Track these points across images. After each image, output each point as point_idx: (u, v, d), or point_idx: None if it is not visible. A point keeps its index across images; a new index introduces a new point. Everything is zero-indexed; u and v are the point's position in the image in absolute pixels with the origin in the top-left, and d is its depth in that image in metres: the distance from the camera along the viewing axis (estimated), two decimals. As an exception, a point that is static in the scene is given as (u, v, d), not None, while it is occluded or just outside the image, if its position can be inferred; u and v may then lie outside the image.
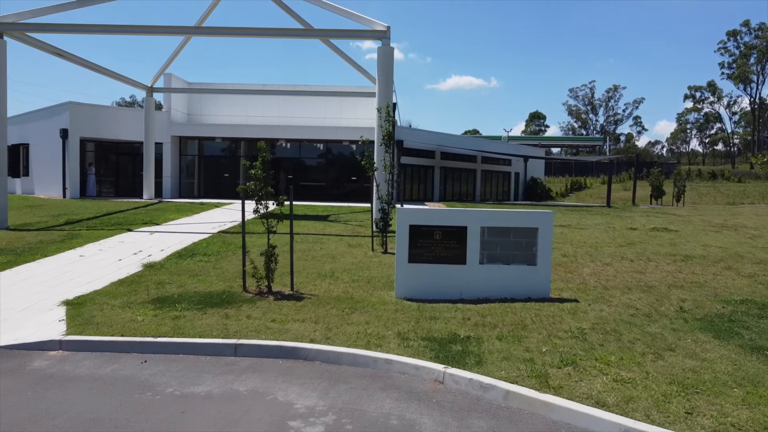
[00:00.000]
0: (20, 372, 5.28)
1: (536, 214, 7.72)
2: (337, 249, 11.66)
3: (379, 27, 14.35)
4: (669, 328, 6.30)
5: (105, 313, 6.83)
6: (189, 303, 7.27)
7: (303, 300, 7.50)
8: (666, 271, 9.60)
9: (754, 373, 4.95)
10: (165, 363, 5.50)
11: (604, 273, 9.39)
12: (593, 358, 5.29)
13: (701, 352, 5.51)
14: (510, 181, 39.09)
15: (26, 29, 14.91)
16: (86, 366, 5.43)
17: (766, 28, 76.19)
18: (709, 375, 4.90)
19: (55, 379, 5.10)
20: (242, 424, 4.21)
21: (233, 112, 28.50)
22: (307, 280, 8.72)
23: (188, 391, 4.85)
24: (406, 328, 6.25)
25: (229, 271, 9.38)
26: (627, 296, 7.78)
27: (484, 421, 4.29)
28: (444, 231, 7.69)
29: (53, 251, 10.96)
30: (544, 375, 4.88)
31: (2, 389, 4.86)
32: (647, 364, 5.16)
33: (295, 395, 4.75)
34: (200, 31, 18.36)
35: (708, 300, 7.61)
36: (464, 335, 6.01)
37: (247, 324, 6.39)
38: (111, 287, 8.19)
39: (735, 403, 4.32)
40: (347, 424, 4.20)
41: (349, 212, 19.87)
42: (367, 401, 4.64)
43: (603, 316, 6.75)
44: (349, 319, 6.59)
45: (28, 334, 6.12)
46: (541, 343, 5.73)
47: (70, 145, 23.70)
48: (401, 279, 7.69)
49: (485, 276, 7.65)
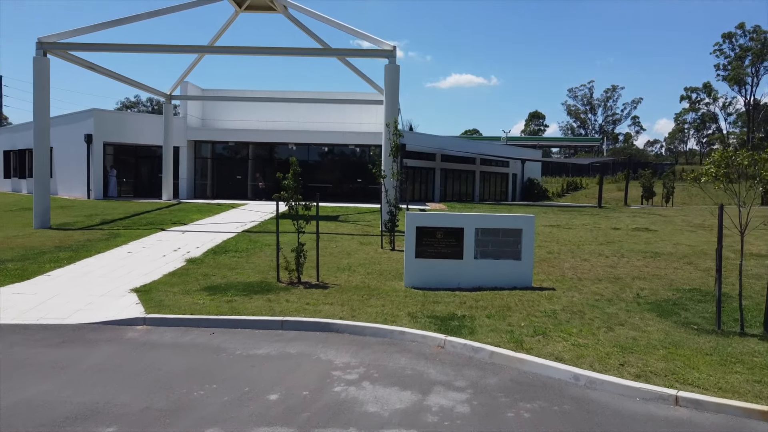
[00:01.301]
0: (119, 340, 6.88)
1: (520, 218, 9.31)
2: (351, 246, 13.25)
3: (387, 47, 15.92)
4: (624, 309, 7.90)
5: (170, 298, 8.42)
6: (236, 290, 8.86)
7: (328, 288, 9.10)
8: (635, 265, 11.20)
9: (678, 340, 6.55)
10: (229, 334, 7.09)
11: (581, 267, 10.99)
12: (559, 331, 6.88)
13: (643, 326, 7.11)
14: (508, 181, 40.66)
15: (68, 48, 16.49)
16: (169, 336, 7.03)
17: (760, 30, 77.73)
18: (644, 341, 6.49)
19: (149, 345, 6.70)
20: (299, 373, 5.80)
21: (245, 117, 30.08)
22: (329, 272, 10.31)
23: (252, 353, 6.44)
24: (415, 309, 7.84)
25: (260, 266, 10.96)
26: (596, 286, 9.38)
27: (474, 372, 5.88)
28: (445, 231, 9.28)
29: (103, 248, 12.56)
30: (520, 341, 6.48)
31: (111, 351, 6.45)
32: (600, 334, 6.76)
33: (333, 355, 6.34)
34: (226, 50, 19.88)
35: (662, 289, 9.21)
36: (461, 314, 7.60)
37: (287, 306, 7.98)
38: (165, 278, 9.79)
39: (657, 359, 5.92)
40: (374, 373, 5.80)
41: (356, 212, 21.46)
42: (387, 359, 6.23)
43: (573, 301, 8.34)
44: (368, 303, 8.19)
45: (114, 313, 7.71)
46: (520, 320, 7.33)
47: (94, 149, 25.30)
48: (409, 271, 9.29)
49: (479, 269, 9.24)
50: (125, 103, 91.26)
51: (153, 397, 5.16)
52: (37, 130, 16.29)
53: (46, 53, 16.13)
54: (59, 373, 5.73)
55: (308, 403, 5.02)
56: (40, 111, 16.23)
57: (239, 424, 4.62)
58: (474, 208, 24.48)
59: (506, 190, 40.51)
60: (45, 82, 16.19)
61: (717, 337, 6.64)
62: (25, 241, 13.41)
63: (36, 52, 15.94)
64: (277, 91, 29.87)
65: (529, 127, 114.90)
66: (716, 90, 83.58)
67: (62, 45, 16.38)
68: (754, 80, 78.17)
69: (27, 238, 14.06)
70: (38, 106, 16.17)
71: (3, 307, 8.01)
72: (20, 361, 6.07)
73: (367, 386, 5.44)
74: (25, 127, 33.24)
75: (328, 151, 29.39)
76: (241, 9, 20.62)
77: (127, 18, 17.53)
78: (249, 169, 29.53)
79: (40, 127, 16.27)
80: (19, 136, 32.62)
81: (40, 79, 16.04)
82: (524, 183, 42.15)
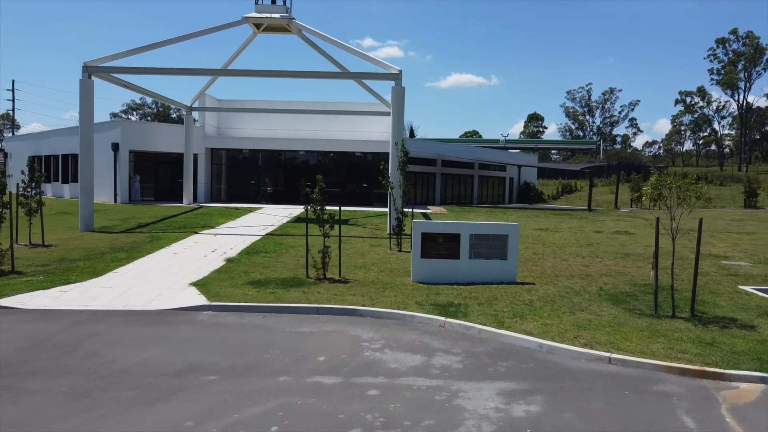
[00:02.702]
0: (193, 322, 8.90)
1: (506, 225, 11.35)
2: (363, 248, 15.28)
3: (393, 70, 17.94)
4: (587, 299, 9.94)
5: (223, 290, 10.45)
6: (275, 284, 10.89)
7: (349, 283, 11.13)
8: (605, 265, 13.24)
9: (623, 321, 8.58)
10: (276, 318, 9.12)
11: (560, 266, 13.03)
12: (533, 314, 8.91)
13: (599, 311, 9.14)
14: (505, 185, 42.68)
15: (110, 71, 18.53)
16: (230, 319, 9.06)
17: (753, 36, 79.74)
18: (596, 322, 8.52)
19: (217, 325, 8.73)
20: (336, 343, 7.82)
21: (257, 125, 32.12)
22: (348, 270, 12.33)
23: (298, 330, 8.47)
24: (421, 299, 9.87)
25: (289, 264, 12.99)
26: (569, 281, 11.41)
27: (466, 343, 7.90)
28: (445, 236, 11.30)
29: (151, 249, 14.59)
30: (501, 321, 8.51)
31: (191, 329, 8.48)
32: (563, 317, 8.79)
33: (360, 332, 8.37)
34: (247, 73, 21.80)
35: (623, 283, 11.25)
36: (457, 303, 9.63)
37: (319, 296, 10.01)
38: (213, 275, 11.81)
39: (602, 334, 7.94)
40: (393, 344, 7.82)
41: (364, 216, 23.49)
42: (401, 335, 8.26)
43: (548, 293, 10.38)
44: (383, 294, 10.22)
45: (183, 301, 9.74)
46: (503, 307, 9.36)
47: (120, 157, 27.34)
48: (416, 269, 11.32)
49: (472, 267, 11.26)
50: (131, 105, 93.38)
51: (234, 358, 7.20)
52: (82, 143, 18.29)
53: (90, 75, 18.15)
54: (158, 344, 7.76)
55: (347, 362, 7.06)
56: (86, 126, 18.25)
57: (302, 374, 6.65)
58: (472, 212, 26.50)
59: (503, 193, 42.52)
60: (90, 101, 18.22)
61: (652, 319, 8.67)
62: (81, 243, 15.44)
63: (82, 75, 17.96)
64: (290, 101, 31.91)
65: (528, 129, 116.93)
66: (710, 94, 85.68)
67: (105, 68, 18.41)
68: (747, 84, 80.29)
69: (80, 240, 16.08)
70: (84, 122, 18.20)
71: (92, 297, 10.04)
72: (125, 336, 8.10)
73: (387, 352, 7.47)
74: (49, 135, 35.30)
75: (336, 157, 31.43)
76: (259, 30, 22.63)
77: (160, 42, 19.55)
78: (260, 175, 31.61)
79: (86, 141, 18.28)
80: (44, 143, 34.65)
81: (85, 98, 18.06)
82: (521, 186, 44.18)
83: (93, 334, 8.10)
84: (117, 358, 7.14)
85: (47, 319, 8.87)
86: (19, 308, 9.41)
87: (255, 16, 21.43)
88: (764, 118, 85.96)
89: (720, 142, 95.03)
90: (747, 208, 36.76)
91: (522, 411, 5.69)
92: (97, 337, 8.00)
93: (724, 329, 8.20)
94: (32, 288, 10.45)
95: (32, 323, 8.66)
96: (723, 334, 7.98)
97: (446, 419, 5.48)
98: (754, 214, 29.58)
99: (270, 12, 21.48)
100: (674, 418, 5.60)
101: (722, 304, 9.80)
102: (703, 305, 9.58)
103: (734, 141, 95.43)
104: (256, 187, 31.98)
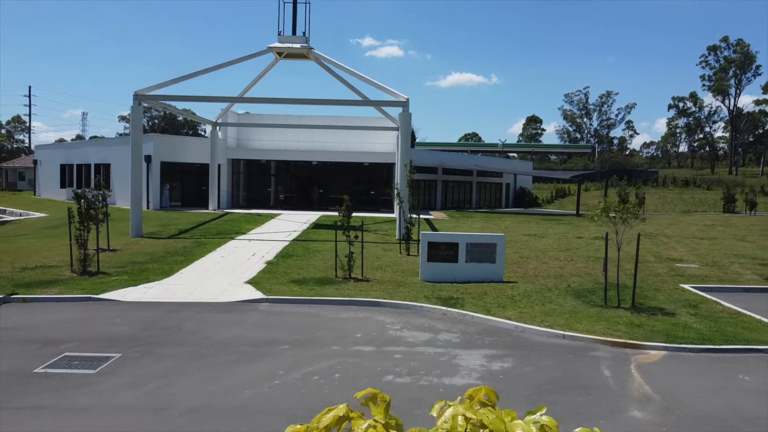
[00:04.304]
0: (257, 311, 11.77)
1: (495, 236, 14.26)
2: (377, 252, 18.16)
3: (402, 98, 20.83)
4: (556, 294, 12.83)
5: (273, 287, 13.34)
6: (312, 283, 13.79)
7: (370, 282, 14.02)
8: (577, 267, 16.14)
9: (579, 310, 11.47)
10: (319, 308, 12.00)
11: (540, 268, 15.92)
12: (513, 305, 11.80)
13: (563, 303, 12.04)
14: (502, 190, 45.57)
15: (157, 99, 21.41)
16: (285, 309, 11.94)
17: (743, 44, 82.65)
18: (559, 311, 11.42)
19: (275, 313, 11.62)
20: (367, 326, 10.71)
21: (273, 137, 35.03)
22: (368, 271, 15.21)
23: (336, 316, 11.35)
24: (428, 294, 12.76)
25: (319, 266, 15.88)
26: (545, 280, 14.30)
27: (462, 326, 10.79)
28: (446, 244, 14.18)
29: (202, 253, 17.47)
30: (489, 310, 11.41)
31: (257, 316, 11.36)
32: (535, 307, 11.69)
33: (384, 318, 11.26)
34: (275, 101, 24.59)
35: (588, 282, 14.14)
36: (456, 297, 12.52)
37: (348, 292, 12.90)
38: (260, 275, 14.70)
39: (562, 319, 10.83)
40: (408, 326, 10.71)
41: (374, 222, 26.37)
42: (414, 319, 11.15)
43: (527, 289, 13.27)
44: (398, 290, 13.11)
45: (245, 296, 12.62)
46: (491, 300, 12.25)
47: (152, 168, 30.23)
48: (423, 270, 14.21)
49: (468, 269, 14.14)
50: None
51: (296, 335, 10.09)
52: (133, 160, 21.17)
53: (140, 103, 21.05)
54: (238, 325, 10.66)
55: (377, 338, 9.96)
56: (136, 146, 21.14)
57: (347, 345, 9.54)
58: (470, 218, 29.41)
59: (500, 198, 45.41)
60: (139, 124, 21.13)
61: (601, 309, 11.57)
62: (140, 248, 18.32)
63: (133, 102, 20.85)
64: (303, 116, 34.77)
65: (527, 131, 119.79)
66: (702, 99, 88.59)
67: (153, 97, 21.30)
68: (737, 90, 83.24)
69: (138, 245, 18.96)
70: (134, 142, 21.10)
71: (172, 292, 12.94)
72: (210, 320, 10.99)
73: (405, 331, 10.37)
74: (80, 145, 38.20)
75: (345, 166, 34.33)
76: (280, 57, 25.49)
77: (198, 72, 22.45)
78: (275, 182, 34.59)
79: (136, 159, 21.17)
80: (75, 152, 37.55)
81: (135, 122, 20.97)
82: (517, 191, 47.07)
83: (187, 319, 11.00)
84: (213, 335, 10.04)
85: (146, 308, 11.76)
86: (120, 300, 12.31)
87: (278, 46, 24.28)
88: (757, 122, 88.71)
89: (713, 144, 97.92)
90: (726, 212, 39.57)
91: (498, 366, 8.60)
92: (190, 321, 10.91)
93: (652, 316, 11.11)
94: (123, 285, 13.35)
95: (136, 312, 11.55)
96: (650, 319, 10.89)
97: (448, 370, 8.39)
98: (727, 220, 32.35)
99: (291, 42, 24.33)
100: (597, 370, 8.50)
101: (660, 298, 12.71)
102: (644, 299, 12.49)
103: (728, 143, 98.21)
104: (271, 194, 34.98)
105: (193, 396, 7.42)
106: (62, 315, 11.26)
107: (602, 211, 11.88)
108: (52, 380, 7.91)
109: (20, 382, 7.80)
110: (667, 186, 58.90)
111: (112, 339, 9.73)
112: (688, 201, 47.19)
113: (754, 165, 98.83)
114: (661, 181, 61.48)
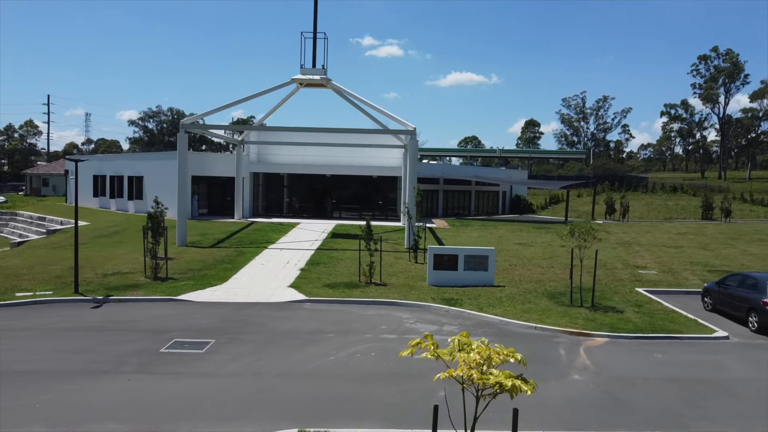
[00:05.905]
0: (303, 308, 15.26)
1: (487, 249, 17.79)
2: (389, 260, 21.65)
3: (409, 127, 24.32)
4: (534, 296, 16.33)
5: (311, 290, 16.83)
6: (341, 287, 17.27)
7: (387, 286, 17.52)
8: (555, 272, 19.64)
9: (550, 308, 14.98)
10: (350, 306, 15.49)
11: (525, 274, 19.43)
12: (500, 305, 15.31)
13: (539, 303, 15.54)
14: (498, 198, 49.08)
15: (198, 128, 24.91)
16: (324, 307, 15.43)
17: (732, 54, 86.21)
18: (535, 309, 14.92)
19: (317, 311, 15.11)
20: (390, 320, 14.21)
21: (290, 152, 38.52)
22: (384, 277, 18.70)
23: (364, 313, 14.86)
24: (434, 296, 16.26)
25: (343, 273, 19.38)
26: (528, 284, 17.80)
27: (461, 320, 14.30)
28: (448, 255, 17.69)
29: (243, 262, 20.95)
30: (481, 308, 14.92)
31: (304, 312, 14.87)
32: (517, 306, 15.20)
33: (401, 314, 14.76)
34: (298, 129, 28.20)
35: (561, 286, 17.64)
36: (456, 298, 16.02)
37: (371, 294, 16.40)
38: (298, 280, 18.19)
39: (536, 315, 14.34)
40: (420, 320, 14.22)
41: (383, 231, 29.84)
42: (424, 315, 14.65)
43: (512, 292, 16.77)
44: (410, 293, 16.61)
45: (290, 297, 16.10)
46: (483, 300, 15.76)
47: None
48: (429, 276, 17.72)
49: (466, 276, 17.64)
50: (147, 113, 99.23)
51: (337, 326, 13.59)
52: (180, 180, 24.65)
53: (186, 131, 24.54)
54: (291, 320, 14.16)
55: (397, 328, 13.46)
56: (182, 169, 24.63)
57: (376, 333, 13.05)
58: (468, 226, 32.91)
59: (497, 205, 48.90)
60: (185, 149, 24.61)
61: (567, 308, 15.06)
62: (192, 257, 21.80)
63: (179, 131, 24.35)
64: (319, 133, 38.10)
65: (525, 135, 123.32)
66: (692, 106, 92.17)
67: (195, 125, 24.79)
68: (726, 98, 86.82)
69: (188, 253, 22.43)
70: (181, 165, 24.59)
71: (232, 294, 16.44)
72: (271, 316, 14.49)
73: (418, 324, 13.87)
74: (113, 158, 41.76)
75: (356, 179, 37.86)
76: (302, 86, 29.01)
77: (233, 102, 26.00)
78: (289, 193, 38.22)
79: (183, 179, 24.66)
80: (107, 164, 41.03)
81: (182, 147, 24.47)
82: (512, 199, 50.57)
83: (252, 315, 14.51)
84: (276, 327, 13.55)
85: (217, 307, 15.26)
86: (193, 301, 15.80)
87: (300, 77, 27.76)
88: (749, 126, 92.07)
89: (706, 148, 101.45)
90: (704, 219, 42.95)
91: (486, 348, 12.11)
92: (255, 316, 14.41)
93: (605, 313, 14.62)
94: (192, 289, 16.85)
95: (210, 309, 15.05)
96: (602, 315, 14.40)
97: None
98: (701, 228, 35.69)
99: (312, 74, 27.81)
100: (556, 351, 12.00)
101: (615, 299, 16.22)
102: (603, 299, 15.99)
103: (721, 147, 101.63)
104: (288, 203, 38.61)
105: (277, 366, 10.93)
106: (155, 312, 14.77)
107: (568, 234, 15.37)
108: (176, 357, 11.42)
109: (155, 359, 11.29)
110: (655, 192, 62.30)
111: (202, 329, 13.24)
112: (672, 208, 50.60)
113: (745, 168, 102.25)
114: (650, 187, 64.82)
